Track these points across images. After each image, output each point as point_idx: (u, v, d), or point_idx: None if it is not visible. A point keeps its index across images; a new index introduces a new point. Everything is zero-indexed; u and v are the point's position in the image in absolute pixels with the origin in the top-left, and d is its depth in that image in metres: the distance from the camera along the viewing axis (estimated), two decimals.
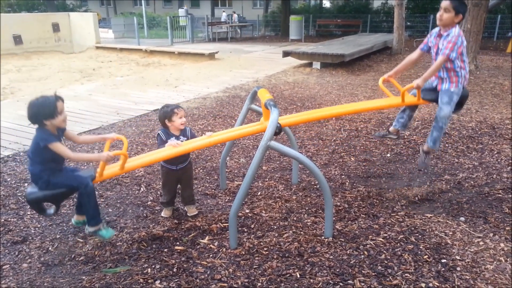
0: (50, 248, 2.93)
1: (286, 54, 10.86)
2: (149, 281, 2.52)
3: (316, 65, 10.48)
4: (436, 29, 3.29)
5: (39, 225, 3.24)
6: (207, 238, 3.01)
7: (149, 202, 3.58)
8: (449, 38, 3.11)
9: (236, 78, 9.53)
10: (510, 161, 4.41)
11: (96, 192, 3.73)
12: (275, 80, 9.19)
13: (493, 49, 14.08)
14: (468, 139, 5.17)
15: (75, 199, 3.30)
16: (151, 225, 3.20)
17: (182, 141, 3.13)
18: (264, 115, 3.10)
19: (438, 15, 3.17)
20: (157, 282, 2.50)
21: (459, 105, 3.42)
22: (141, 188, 3.84)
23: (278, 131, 2.89)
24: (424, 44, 3.44)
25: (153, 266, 2.66)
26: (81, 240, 3.03)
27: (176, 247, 2.89)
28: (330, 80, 9.12)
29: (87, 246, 2.96)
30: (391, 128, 3.88)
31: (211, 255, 2.79)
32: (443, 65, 3.22)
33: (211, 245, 2.91)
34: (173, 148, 2.92)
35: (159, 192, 3.73)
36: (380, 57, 12.09)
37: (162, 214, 3.36)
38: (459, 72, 3.24)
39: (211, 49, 13.77)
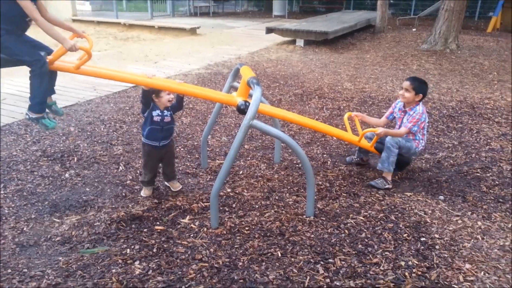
0: (25, 229, 2.84)
1: (269, 30, 10.67)
2: (128, 261, 2.47)
3: (300, 42, 10.34)
4: (401, 103, 3.57)
5: (13, 205, 3.13)
6: (187, 217, 2.97)
7: (128, 181, 3.50)
8: (414, 115, 3.42)
9: (218, 54, 9.34)
10: (489, 140, 4.48)
11: (72, 171, 3.64)
12: (258, 57, 9.04)
13: (474, 28, 14.15)
14: (448, 118, 5.22)
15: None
16: (130, 205, 3.13)
17: (166, 115, 3.05)
18: (239, 91, 3.01)
19: (400, 92, 3.48)
20: (137, 262, 2.46)
21: (399, 166, 3.60)
22: (120, 167, 3.75)
23: (246, 109, 2.80)
24: (389, 113, 3.74)
25: (132, 247, 2.61)
26: (58, 220, 2.94)
27: (156, 227, 2.84)
28: (313, 58, 9.03)
29: (64, 226, 2.88)
30: (355, 160, 3.95)
31: (191, 235, 2.75)
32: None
33: (192, 225, 2.87)
34: (147, 77, 2.86)
35: (138, 171, 3.65)
36: (363, 35, 12.01)
37: (142, 193, 3.29)
38: (419, 139, 3.53)
39: (192, 24, 13.41)
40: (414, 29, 13.18)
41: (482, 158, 4.03)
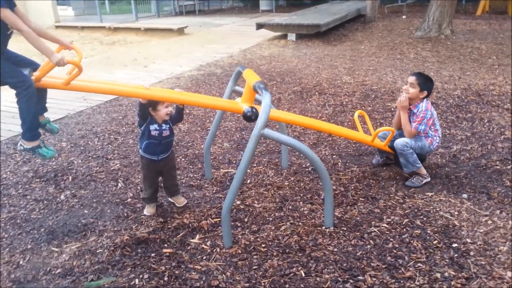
0: (21, 262, 2.59)
1: (259, 26, 10.40)
2: None
3: (291, 36, 10.10)
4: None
5: (6, 235, 2.87)
6: (197, 237, 2.74)
7: (129, 199, 3.26)
8: (417, 113, 3.26)
9: (209, 54, 9.06)
10: (502, 129, 4.30)
11: (68, 191, 3.39)
12: (250, 54, 8.79)
13: (463, 12, 14.01)
14: (456, 108, 5.03)
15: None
16: (133, 226, 2.89)
17: (164, 129, 2.81)
18: (244, 97, 2.78)
19: (404, 87, 3.32)
20: None
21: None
22: (119, 184, 3.50)
23: (254, 117, 2.58)
24: None
25: (141, 276, 2.37)
26: (56, 249, 2.69)
27: (165, 250, 2.61)
28: (307, 52, 8.80)
29: (63, 255, 2.63)
30: (382, 161, 3.71)
31: (204, 257, 2.52)
32: None
33: (203, 245, 2.64)
34: (144, 88, 2.63)
35: (139, 187, 3.40)
36: (355, 26, 11.79)
37: (145, 212, 3.05)
38: (432, 136, 3.35)
39: (179, 24, 13.08)
40: (404, 16, 13.00)
41: (499, 149, 3.85)
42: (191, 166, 3.79)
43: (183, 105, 2.88)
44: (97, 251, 2.65)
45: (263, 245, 2.61)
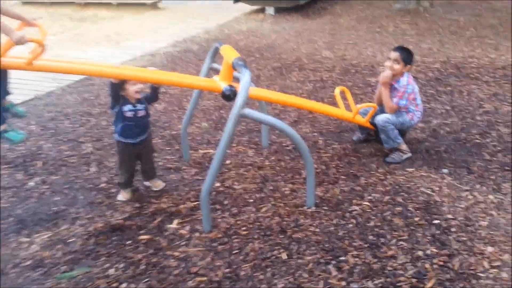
0: None
1: (237, 0, 10.09)
2: (114, 285, 2.14)
3: (270, 10, 9.83)
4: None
5: None
6: (176, 222, 2.64)
7: (102, 184, 3.12)
8: (399, 88, 3.20)
9: (185, 29, 8.75)
10: (481, 102, 4.30)
11: (37, 178, 3.22)
12: (227, 29, 8.53)
13: None
14: (435, 81, 5.00)
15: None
16: (108, 213, 2.77)
17: (139, 109, 2.67)
18: (222, 75, 2.65)
19: (388, 64, 3.22)
20: (123, 285, 2.13)
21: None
22: (91, 168, 3.34)
23: (233, 96, 2.46)
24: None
25: (116, 266, 2.27)
26: (26, 240, 2.55)
27: (141, 237, 2.51)
28: (286, 26, 8.60)
29: (34, 246, 2.49)
30: (362, 137, 3.64)
31: (183, 243, 2.44)
32: None
33: (181, 230, 2.55)
34: (115, 67, 2.48)
35: (113, 171, 3.26)
36: None
37: (120, 197, 2.92)
38: (413, 111, 3.30)
39: None
40: None
41: (479, 123, 3.85)
42: (168, 148, 3.66)
43: (159, 84, 2.73)
44: (70, 241, 2.52)
45: (244, 228, 2.53)
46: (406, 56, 3.18)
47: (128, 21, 10.32)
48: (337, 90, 3.49)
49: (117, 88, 2.54)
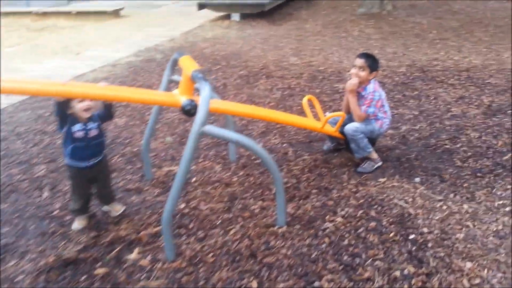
0: None
1: (201, 6, 9.90)
2: None
3: (235, 16, 9.71)
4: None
5: None
6: (136, 251, 2.42)
7: (56, 211, 2.85)
8: (366, 95, 3.11)
9: (148, 38, 8.48)
10: (448, 106, 4.29)
11: None
12: (192, 37, 8.33)
13: None
14: (402, 86, 4.98)
15: None
16: (61, 244, 2.51)
17: (91, 129, 2.45)
18: (182, 88, 2.46)
19: (353, 71, 3.10)
20: None
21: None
22: (44, 193, 3.07)
23: (194, 111, 2.29)
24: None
25: None
26: None
27: (97, 271, 2.27)
28: (252, 32, 8.49)
29: None
30: (332, 147, 3.54)
31: (143, 276, 2.23)
32: None
33: (142, 261, 2.33)
34: (59, 84, 2.24)
35: (67, 196, 3.00)
36: (299, 3, 11.58)
37: (75, 225, 2.67)
38: (382, 118, 3.20)
39: (114, 5, 12.21)
40: None
41: (447, 127, 3.82)
42: (129, 167, 3.43)
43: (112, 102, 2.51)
44: (17, 278, 2.26)
45: (211, 255, 2.35)
46: (372, 62, 3.09)
47: (89, 30, 9.95)
48: (304, 100, 3.37)
49: (63, 107, 2.31)
